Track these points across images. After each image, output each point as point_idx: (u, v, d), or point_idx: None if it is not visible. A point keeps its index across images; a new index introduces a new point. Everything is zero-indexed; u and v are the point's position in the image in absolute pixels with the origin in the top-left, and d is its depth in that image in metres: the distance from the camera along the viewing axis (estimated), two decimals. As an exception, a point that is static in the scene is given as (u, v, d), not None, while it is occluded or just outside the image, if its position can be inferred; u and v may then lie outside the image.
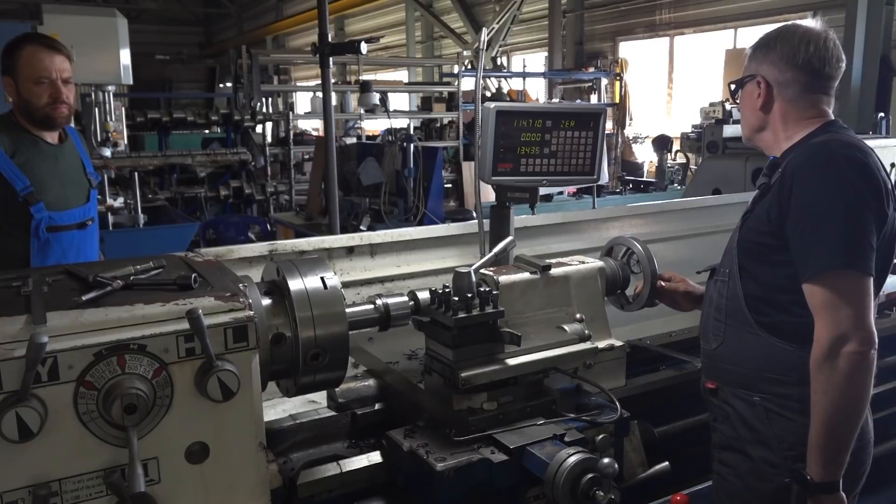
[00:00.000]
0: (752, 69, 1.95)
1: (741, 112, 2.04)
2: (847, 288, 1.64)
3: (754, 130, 2.01)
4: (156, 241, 5.00)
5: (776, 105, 1.89)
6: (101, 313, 1.22)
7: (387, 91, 9.56)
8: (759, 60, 1.92)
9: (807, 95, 1.86)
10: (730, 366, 1.89)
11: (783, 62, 1.87)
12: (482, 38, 2.55)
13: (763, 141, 1.98)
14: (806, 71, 1.84)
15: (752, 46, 1.98)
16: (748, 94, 1.96)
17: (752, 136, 2.03)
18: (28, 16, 12.32)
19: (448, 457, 1.46)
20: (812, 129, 1.87)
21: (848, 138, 1.81)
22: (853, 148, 1.77)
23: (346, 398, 1.76)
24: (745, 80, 1.97)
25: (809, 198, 1.71)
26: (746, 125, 2.03)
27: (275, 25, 21.56)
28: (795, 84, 1.86)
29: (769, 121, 1.93)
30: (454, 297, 1.55)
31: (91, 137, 5.80)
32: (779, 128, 1.91)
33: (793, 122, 1.89)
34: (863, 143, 1.82)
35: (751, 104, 1.95)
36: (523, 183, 2.18)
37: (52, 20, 5.33)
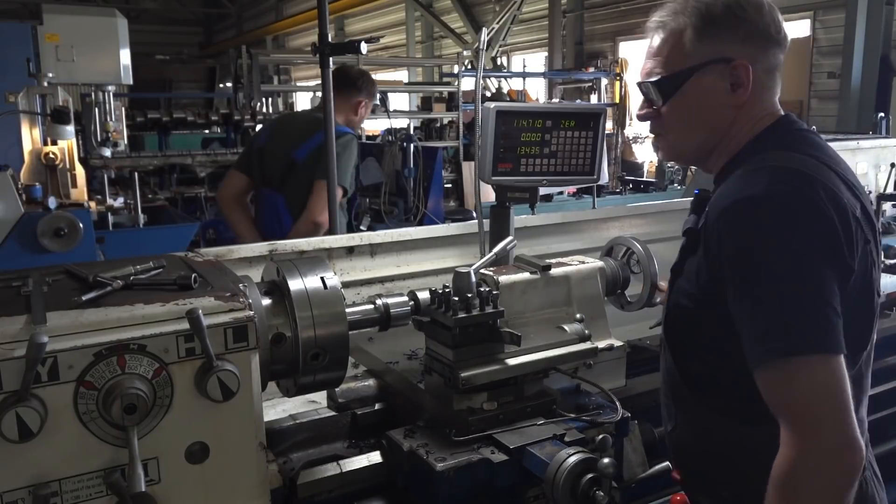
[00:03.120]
0: (707, 52, 1.40)
1: (676, 120, 1.47)
2: (812, 379, 1.20)
3: (705, 145, 1.47)
4: (156, 241, 4.99)
5: (751, 100, 1.42)
6: (101, 313, 1.22)
7: (387, 91, 9.55)
8: (718, 36, 1.40)
9: (776, 80, 1.46)
10: (689, 454, 1.54)
11: (762, 35, 1.40)
12: (482, 38, 2.55)
13: (707, 157, 1.49)
14: (782, 46, 1.43)
15: (697, 13, 1.40)
16: (702, 91, 1.42)
17: (699, 152, 1.49)
18: (28, 16, 12.34)
19: (448, 457, 1.47)
20: (759, 131, 1.43)
21: (790, 160, 1.33)
22: (795, 176, 1.30)
23: (346, 398, 1.76)
24: (700, 67, 1.39)
25: (743, 260, 1.27)
26: (686, 136, 1.48)
27: (275, 25, 21.56)
28: (773, 66, 1.43)
29: (729, 126, 1.44)
30: (454, 297, 1.55)
31: (91, 137, 5.80)
32: (730, 133, 1.45)
33: (744, 121, 1.44)
34: (814, 161, 1.34)
35: (711, 104, 1.42)
36: (523, 183, 2.18)
37: (52, 20, 5.33)
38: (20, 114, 4.81)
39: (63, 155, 4.71)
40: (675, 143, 1.51)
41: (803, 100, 10.86)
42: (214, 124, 9.24)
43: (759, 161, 1.35)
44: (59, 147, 4.69)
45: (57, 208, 4.35)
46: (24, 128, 4.85)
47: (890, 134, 7.10)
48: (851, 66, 9.81)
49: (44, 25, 5.26)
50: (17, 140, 4.91)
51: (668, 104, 1.45)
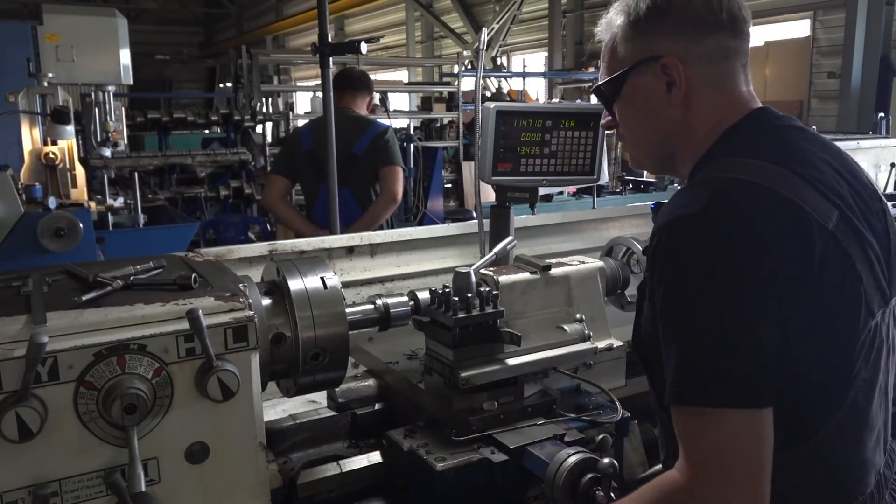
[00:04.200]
0: (637, 51, 1.28)
1: (626, 127, 1.38)
2: (726, 434, 1.08)
3: (663, 150, 1.34)
4: (156, 241, 4.99)
5: (694, 97, 1.27)
6: (101, 313, 1.22)
7: (387, 91, 9.55)
8: (648, 36, 1.27)
9: (728, 69, 1.27)
10: None
11: (693, 23, 1.24)
12: (482, 38, 2.55)
13: (672, 162, 1.35)
14: (728, 29, 1.25)
15: (621, 18, 1.29)
16: (641, 94, 1.30)
17: (659, 158, 1.38)
18: (28, 16, 12.33)
19: (448, 457, 1.46)
20: (721, 131, 1.26)
21: (740, 169, 1.17)
22: (739, 191, 1.14)
23: (347, 398, 1.76)
24: (628, 71, 1.29)
25: (667, 287, 1.14)
26: (643, 144, 1.38)
27: (275, 25, 21.57)
28: (717, 53, 1.25)
29: (683, 127, 1.29)
30: (454, 297, 1.55)
31: (91, 137, 5.80)
32: (688, 133, 1.30)
33: (702, 119, 1.28)
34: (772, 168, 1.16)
35: (653, 106, 1.29)
36: (523, 183, 2.18)
37: (52, 20, 5.34)
38: (20, 114, 4.81)
39: (63, 155, 4.71)
40: (634, 150, 1.42)
41: (803, 100, 10.87)
42: (214, 124, 9.24)
43: (707, 171, 1.22)
44: (59, 147, 4.69)
45: (57, 208, 4.34)
46: (24, 128, 4.85)
47: (890, 134, 7.10)
48: (851, 66, 9.82)
49: (44, 25, 5.26)
50: (17, 140, 4.91)
51: (617, 111, 1.37)
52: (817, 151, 1.25)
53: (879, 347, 1.21)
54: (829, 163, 1.25)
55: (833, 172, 1.23)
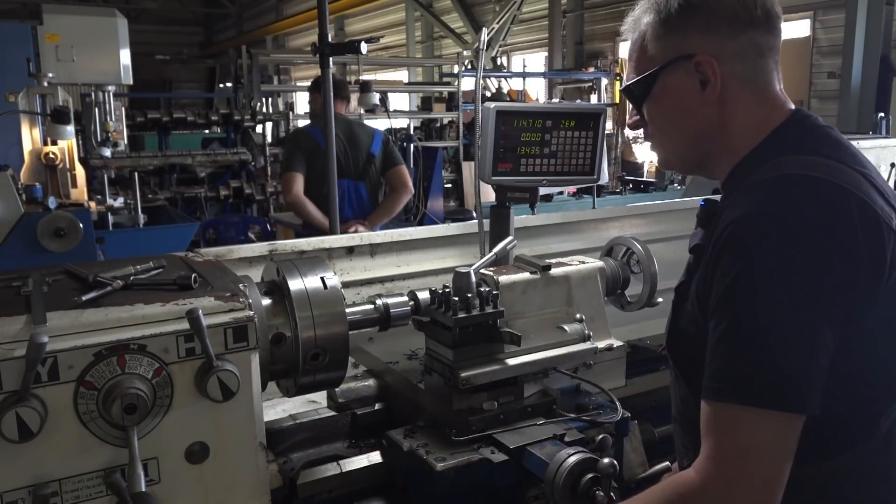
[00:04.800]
0: (668, 50, 1.25)
1: (657, 126, 1.34)
2: (756, 435, 1.07)
3: (697, 150, 1.31)
4: (156, 241, 4.99)
5: (729, 95, 1.24)
6: (101, 313, 1.22)
7: (387, 91, 9.56)
8: (681, 33, 1.23)
9: (763, 66, 1.24)
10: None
11: (727, 20, 1.20)
12: (482, 38, 2.55)
13: (706, 162, 1.33)
14: (763, 25, 1.21)
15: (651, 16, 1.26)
16: (673, 93, 1.27)
17: (692, 159, 1.35)
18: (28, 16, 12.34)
19: (448, 457, 1.46)
20: (768, 130, 1.24)
21: (813, 167, 1.13)
22: (821, 188, 1.11)
23: (347, 398, 1.76)
24: (661, 70, 1.25)
25: (735, 278, 1.11)
26: (675, 143, 1.34)
27: (275, 25, 21.56)
28: (752, 51, 1.22)
29: (719, 126, 1.26)
30: (454, 297, 1.55)
31: (91, 137, 5.80)
32: (727, 133, 1.26)
33: (740, 119, 1.25)
34: (841, 166, 1.14)
35: (685, 105, 1.26)
36: (523, 183, 2.18)
37: (52, 20, 5.34)
38: (20, 114, 4.81)
39: (63, 155, 4.71)
40: (663, 150, 1.38)
41: (803, 100, 10.87)
42: (214, 124, 9.25)
43: (773, 168, 1.16)
44: (59, 147, 4.69)
45: (57, 208, 4.35)
46: (24, 128, 4.86)
47: (890, 134, 7.11)
48: (851, 66, 9.82)
49: (44, 25, 5.26)
50: (17, 140, 4.92)
51: (646, 110, 1.33)
52: (860, 152, 1.26)
53: None
54: (870, 163, 1.25)
55: (875, 171, 1.23)
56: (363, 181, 4.31)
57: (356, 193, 4.33)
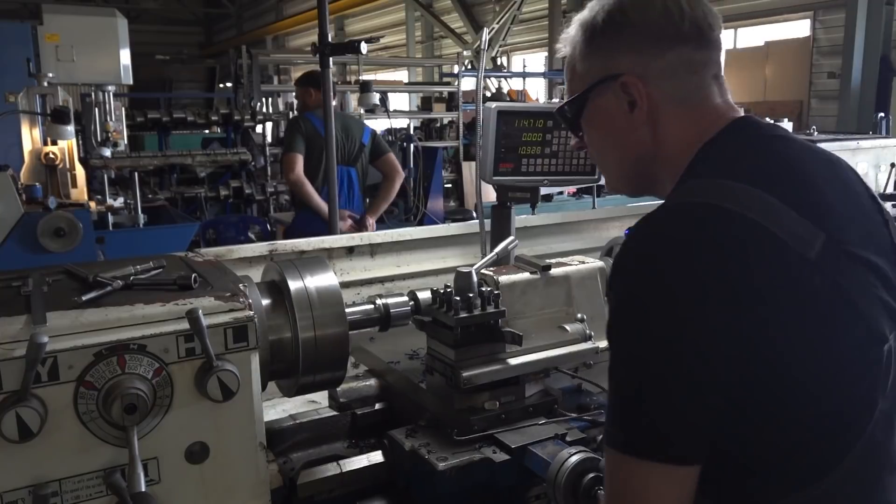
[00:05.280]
0: (596, 70, 1.19)
1: (595, 149, 1.28)
2: (632, 484, 1.04)
3: (637, 172, 1.24)
4: (156, 241, 4.99)
5: (660, 116, 1.16)
6: (101, 313, 1.22)
7: (387, 91, 9.56)
8: (606, 53, 1.17)
9: (696, 83, 1.16)
10: None
11: (652, 37, 1.14)
12: (484, 38, 2.56)
13: (651, 184, 1.24)
14: (693, 40, 1.13)
15: (579, 36, 1.20)
16: (603, 115, 1.21)
17: (635, 181, 1.27)
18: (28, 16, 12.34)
19: (450, 456, 1.46)
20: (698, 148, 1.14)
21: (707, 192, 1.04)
22: (696, 218, 1.03)
23: (348, 398, 1.76)
24: (587, 92, 1.20)
25: (610, 322, 1.06)
26: (615, 167, 1.27)
27: (275, 25, 21.56)
28: (681, 68, 1.14)
29: (654, 148, 1.18)
30: (456, 297, 1.55)
31: (91, 137, 5.79)
32: (663, 155, 1.18)
33: (674, 139, 1.17)
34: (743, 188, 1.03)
35: (617, 127, 1.19)
36: (525, 183, 2.18)
37: (52, 20, 5.33)
38: (20, 114, 4.81)
39: (63, 155, 4.71)
40: (606, 174, 1.31)
41: (803, 100, 10.87)
42: (214, 124, 9.23)
43: (675, 195, 1.11)
44: (59, 147, 4.69)
45: (57, 208, 4.35)
46: (24, 128, 4.85)
47: (890, 134, 7.11)
48: (851, 66, 9.82)
49: (44, 25, 5.25)
50: (17, 140, 4.91)
51: (584, 133, 1.27)
52: (808, 163, 1.14)
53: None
54: (821, 175, 1.13)
55: (826, 186, 1.12)
56: (354, 167, 4.73)
57: (348, 178, 4.76)
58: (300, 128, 4.64)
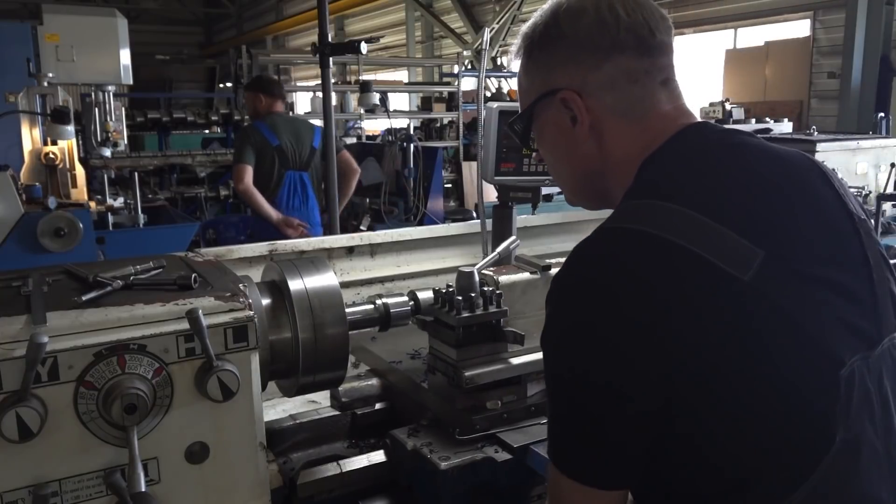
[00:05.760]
0: (538, 85, 1.16)
1: (548, 164, 1.27)
2: (566, 498, 1.05)
3: (590, 186, 1.20)
4: (156, 241, 4.99)
5: (604, 128, 1.12)
6: (101, 313, 1.21)
7: (387, 91, 9.55)
8: (545, 67, 1.15)
9: (639, 93, 1.11)
10: None
11: (587, 49, 1.10)
12: (485, 38, 2.55)
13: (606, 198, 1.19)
14: (631, 48, 1.09)
15: (521, 50, 1.19)
16: (549, 130, 1.18)
17: (590, 195, 1.24)
18: (28, 16, 12.34)
19: (452, 456, 1.46)
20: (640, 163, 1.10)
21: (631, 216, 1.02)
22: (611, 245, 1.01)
23: (350, 397, 1.76)
24: (532, 108, 1.18)
25: (542, 343, 1.05)
26: (569, 181, 1.24)
27: (275, 25, 21.55)
28: (621, 78, 1.10)
29: (602, 162, 1.15)
30: (458, 297, 1.55)
31: (91, 137, 5.79)
32: (611, 168, 1.15)
33: (620, 152, 1.13)
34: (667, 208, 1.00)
35: (564, 142, 1.16)
36: (526, 183, 2.18)
37: (52, 20, 5.32)
38: (20, 114, 4.81)
39: (63, 155, 4.71)
40: (563, 187, 1.28)
41: (803, 100, 10.87)
42: (214, 124, 9.25)
43: (610, 217, 1.07)
44: (59, 147, 4.69)
45: (57, 208, 4.34)
46: (24, 128, 4.85)
47: (890, 134, 7.11)
48: (851, 66, 9.82)
49: (44, 25, 5.24)
50: (17, 140, 4.91)
51: (538, 147, 1.26)
52: (760, 174, 1.08)
53: (864, 400, 0.99)
54: (776, 186, 1.07)
55: (777, 198, 1.06)
56: (307, 172, 4.84)
57: (301, 183, 4.88)
58: (249, 139, 4.74)
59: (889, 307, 1.07)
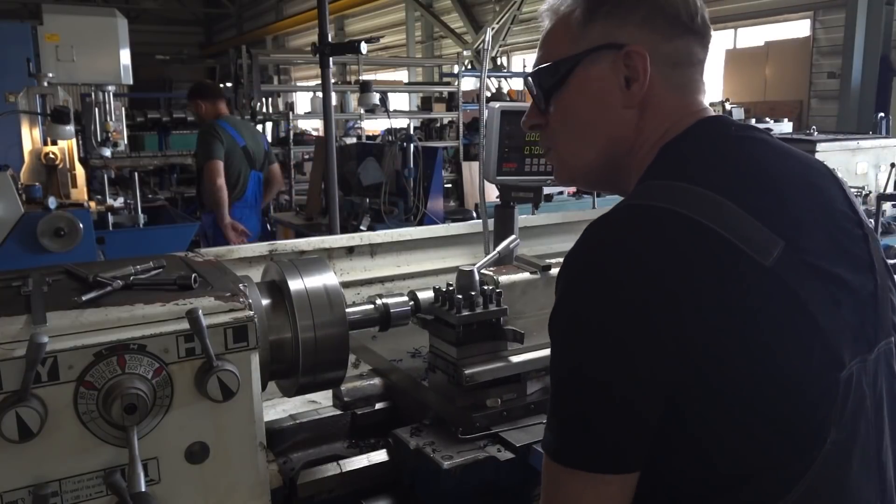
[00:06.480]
0: (595, 36, 1.10)
1: (566, 126, 1.17)
2: (566, 491, 1.01)
3: (606, 159, 1.15)
4: (156, 241, 4.99)
5: (653, 99, 1.10)
6: (101, 313, 1.21)
7: (387, 91, 9.55)
8: (616, 20, 1.09)
9: (691, 76, 1.12)
10: None
11: (668, 19, 1.08)
12: (486, 38, 2.56)
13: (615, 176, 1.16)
14: (699, 34, 1.10)
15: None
16: (593, 85, 1.11)
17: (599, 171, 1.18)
18: (28, 16, 12.34)
19: (454, 455, 1.47)
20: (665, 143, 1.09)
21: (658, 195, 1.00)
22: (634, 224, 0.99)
23: (352, 397, 1.76)
24: (579, 58, 1.11)
25: (550, 326, 1.03)
26: (584, 152, 1.17)
27: (275, 25, 21.56)
28: (685, 58, 1.10)
29: (636, 133, 1.11)
30: (458, 295, 1.55)
31: (91, 137, 5.79)
32: (640, 142, 1.12)
33: (656, 127, 1.11)
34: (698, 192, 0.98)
35: (605, 103, 1.11)
36: (528, 183, 2.18)
37: (52, 20, 5.32)
38: (20, 114, 4.81)
39: (63, 155, 4.71)
40: (566, 157, 1.20)
41: (803, 100, 10.87)
42: (214, 124, 9.21)
43: (632, 195, 1.05)
44: (59, 147, 4.69)
45: (57, 208, 4.35)
46: (24, 128, 4.85)
47: (890, 134, 7.10)
48: (851, 66, 9.82)
49: (44, 25, 5.24)
50: (17, 140, 4.91)
51: (554, 105, 1.16)
52: (777, 167, 1.08)
53: (859, 403, 0.99)
54: (791, 181, 1.08)
55: (793, 193, 1.06)
56: (262, 173, 5.31)
57: (259, 183, 5.31)
58: (218, 136, 4.95)
59: (888, 312, 1.08)
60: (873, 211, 3.55)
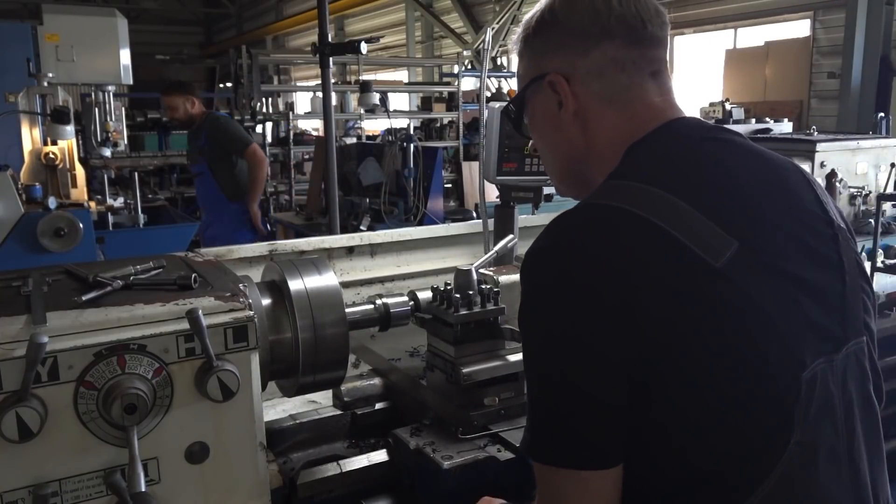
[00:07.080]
0: (531, 70, 1.19)
1: (539, 150, 1.28)
2: (553, 489, 1.02)
3: (574, 174, 1.21)
4: (156, 241, 4.99)
5: (589, 115, 1.13)
6: (101, 313, 1.21)
7: (387, 91, 9.55)
8: (538, 52, 1.17)
9: (626, 82, 1.12)
10: None
11: (577, 35, 1.11)
12: (486, 38, 2.56)
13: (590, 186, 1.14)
14: (621, 37, 1.10)
15: (520, 36, 1.20)
16: (538, 114, 1.20)
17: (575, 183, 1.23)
18: (28, 16, 12.35)
19: (454, 455, 1.47)
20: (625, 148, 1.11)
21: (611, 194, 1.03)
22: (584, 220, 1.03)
23: (352, 397, 1.76)
24: (523, 92, 1.20)
25: (519, 324, 1.05)
26: (556, 168, 1.25)
27: (275, 25, 21.55)
28: (609, 66, 1.11)
29: (586, 148, 1.15)
30: (456, 295, 1.55)
31: (91, 137, 5.80)
32: (595, 155, 1.15)
33: (604, 140, 1.14)
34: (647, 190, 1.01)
35: (551, 127, 1.18)
36: (528, 182, 2.19)
37: (52, 20, 5.32)
38: (20, 114, 4.81)
39: (63, 155, 4.71)
40: (550, 175, 1.30)
41: (803, 100, 10.87)
42: (214, 124, 9.20)
43: (591, 194, 1.09)
44: (59, 147, 4.69)
45: (57, 208, 4.34)
46: (24, 128, 4.85)
47: (890, 134, 7.10)
48: (851, 66, 9.81)
49: (44, 25, 5.24)
50: (17, 140, 4.91)
51: (525, 130, 1.28)
52: (742, 168, 1.09)
53: (825, 403, 0.99)
54: (756, 183, 1.08)
55: (756, 194, 1.06)
56: None
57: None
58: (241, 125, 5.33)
59: (859, 312, 1.08)
60: (873, 211, 3.54)
